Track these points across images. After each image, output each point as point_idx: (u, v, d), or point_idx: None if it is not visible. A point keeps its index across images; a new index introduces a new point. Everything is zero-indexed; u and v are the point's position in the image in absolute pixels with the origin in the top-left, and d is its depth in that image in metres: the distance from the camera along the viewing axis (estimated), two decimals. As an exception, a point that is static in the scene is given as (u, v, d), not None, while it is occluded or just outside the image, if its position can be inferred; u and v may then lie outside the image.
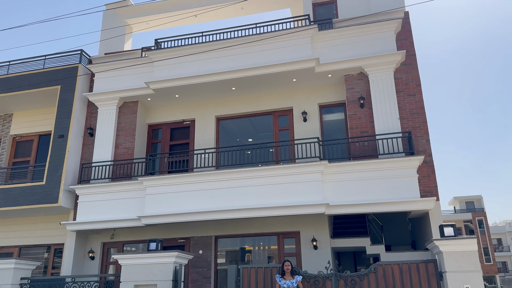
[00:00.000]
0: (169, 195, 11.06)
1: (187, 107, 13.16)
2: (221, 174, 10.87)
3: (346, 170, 10.26)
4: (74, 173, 12.37)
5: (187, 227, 11.93)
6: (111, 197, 11.63)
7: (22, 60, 13.67)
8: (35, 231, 12.90)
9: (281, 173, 10.52)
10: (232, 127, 13.25)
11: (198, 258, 11.65)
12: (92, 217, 11.55)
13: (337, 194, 10.19)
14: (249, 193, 10.58)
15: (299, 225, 11.28)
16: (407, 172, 9.83)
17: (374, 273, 7.74)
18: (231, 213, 10.53)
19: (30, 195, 11.88)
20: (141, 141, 12.99)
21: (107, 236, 12.41)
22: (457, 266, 7.13)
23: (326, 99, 12.17)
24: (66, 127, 12.47)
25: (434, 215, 9.82)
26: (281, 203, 10.24)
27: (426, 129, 10.45)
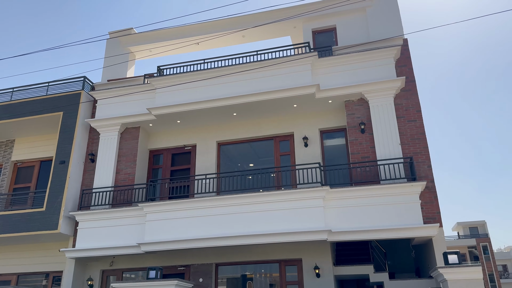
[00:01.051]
0: (169, 221, 10.96)
1: (189, 133, 13.22)
2: (222, 199, 10.81)
3: (348, 196, 10.20)
4: (74, 199, 12.31)
5: (187, 254, 11.76)
6: (111, 223, 11.53)
7: (25, 87, 13.85)
8: (33, 258, 12.73)
9: (282, 199, 10.45)
10: (233, 152, 13.27)
11: (198, 287, 11.43)
12: (91, 244, 11.41)
13: (340, 220, 10.09)
14: (250, 219, 10.48)
15: (301, 252, 11.12)
16: (410, 198, 9.77)
17: (378, 302, 7.58)
18: (232, 240, 10.40)
19: (29, 222, 11.79)
20: (142, 166, 12.98)
21: (106, 264, 12.23)
22: (463, 295, 6.99)
23: (326, 124, 12.23)
24: (67, 153, 12.49)
25: (437, 241, 9.69)
26: (283, 230, 10.13)
27: (428, 155, 10.44)
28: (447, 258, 7.22)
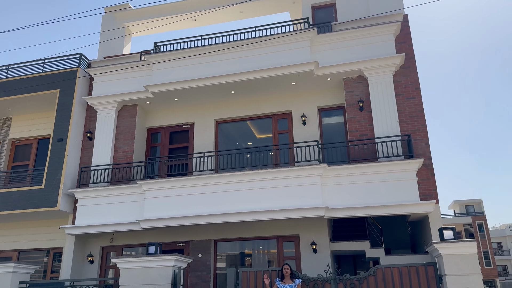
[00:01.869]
0: (168, 198, 11.03)
1: (186, 111, 13.16)
2: (220, 177, 10.85)
3: (346, 173, 10.25)
4: (73, 177, 12.34)
5: (186, 231, 11.89)
6: (110, 200, 11.61)
7: (21, 64, 13.68)
8: (34, 235, 12.86)
9: (280, 177, 10.50)
10: (231, 131, 13.25)
11: (197, 262, 11.61)
12: (91, 221, 11.51)
13: (337, 197, 10.17)
14: (249, 197, 10.55)
15: (298, 228, 11.25)
16: (407, 175, 9.82)
17: (374, 276, 7.72)
18: (230, 217, 10.50)
19: (29, 199, 11.85)
20: (140, 144, 12.97)
21: (106, 240, 12.37)
22: (457, 269, 7.10)
23: (325, 102, 12.17)
24: (65, 131, 12.46)
25: (433, 218, 9.80)
26: (281, 207, 10.21)
27: (426, 132, 10.44)
28: (442, 234, 7.30)
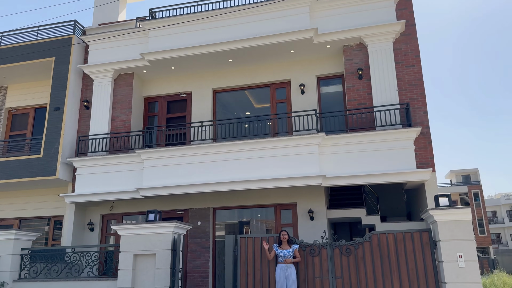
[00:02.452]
0: (166, 167, 11.09)
1: (184, 80, 13.03)
2: (219, 146, 10.87)
3: (343, 142, 10.27)
4: (71, 146, 12.35)
5: (185, 199, 12.02)
6: (109, 169, 11.66)
7: (14, 32, 13.41)
8: (34, 203, 13.00)
9: (278, 146, 10.52)
10: (229, 100, 13.16)
11: (196, 229, 11.80)
12: (90, 190, 11.61)
13: (334, 166, 10.22)
14: (247, 166, 10.60)
15: (296, 196, 11.38)
16: (404, 144, 9.84)
17: (369, 242, 7.87)
18: (228, 185, 10.58)
19: (28, 168, 11.90)
20: (138, 114, 12.91)
21: (106, 208, 12.52)
22: (451, 235, 7.24)
23: (324, 71, 12.04)
24: (61, 99, 12.36)
25: (429, 186, 9.90)
26: (278, 175, 10.28)
27: (424, 101, 10.40)
28: (438, 201, 7.39)
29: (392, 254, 7.68)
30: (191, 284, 11.38)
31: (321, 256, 8.03)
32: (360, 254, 7.85)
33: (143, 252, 8.58)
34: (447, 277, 7.10)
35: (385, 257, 7.70)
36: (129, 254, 8.61)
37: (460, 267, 7.08)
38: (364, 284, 7.66)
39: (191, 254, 11.65)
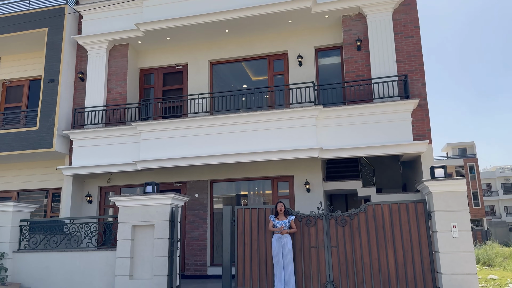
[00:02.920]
0: (163, 140, 11.07)
1: (179, 51, 12.83)
2: (216, 119, 10.83)
3: (341, 115, 10.24)
4: (67, 118, 12.28)
5: (182, 172, 12.07)
6: (105, 142, 11.64)
7: (4, 1, 13.07)
8: (32, 176, 13.03)
9: (275, 118, 10.49)
10: (226, 73, 13.02)
11: (194, 201, 11.91)
12: (87, 162, 11.62)
13: (331, 139, 10.23)
14: (244, 138, 10.60)
15: (293, 169, 11.44)
16: (401, 116, 9.82)
17: (364, 213, 7.96)
18: (225, 158, 10.60)
19: (24, 140, 11.86)
20: (133, 86, 12.78)
21: (104, 181, 12.58)
22: (446, 206, 7.33)
23: (322, 42, 11.87)
24: (56, 71, 12.19)
25: (426, 158, 9.95)
26: (275, 148, 10.30)
27: (423, 72, 10.31)
28: (433, 172, 7.44)
29: (387, 225, 7.79)
30: (190, 254, 11.58)
31: (317, 227, 8.14)
32: (355, 224, 7.96)
33: (142, 223, 8.67)
34: (440, 246, 7.23)
35: (380, 227, 7.82)
36: (128, 225, 8.71)
37: (453, 237, 7.20)
38: (359, 253, 7.80)
39: (189, 225, 11.80)
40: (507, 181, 56.93)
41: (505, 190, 56.46)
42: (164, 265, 8.32)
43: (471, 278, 7.03)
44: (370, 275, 7.66)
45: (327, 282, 7.82)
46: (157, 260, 8.38)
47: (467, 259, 7.11)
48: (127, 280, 8.41)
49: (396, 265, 7.59)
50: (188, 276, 11.36)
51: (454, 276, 7.08)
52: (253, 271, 8.26)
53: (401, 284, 7.50)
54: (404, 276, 7.51)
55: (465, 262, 7.09)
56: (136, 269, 8.58)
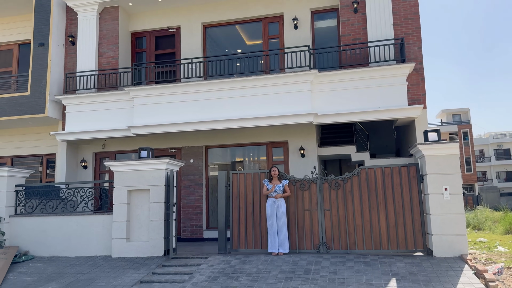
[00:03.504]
0: (157, 105, 10.97)
1: (171, 13, 12.49)
2: (210, 84, 10.69)
3: (336, 80, 10.14)
4: (59, 83, 12.08)
5: (177, 138, 12.05)
6: (98, 107, 11.52)
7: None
8: (26, 141, 12.95)
9: (270, 83, 10.38)
10: (220, 36, 12.75)
11: (189, 167, 11.96)
12: (81, 127, 11.54)
13: (326, 104, 10.18)
14: (238, 104, 10.52)
15: (287, 134, 11.44)
16: (397, 80, 9.74)
17: (357, 177, 8.05)
18: (220, 124, 10.55)
19: (16, 106, 11.71)
20: (125, 50, 12.51)
21: (98, 146, 12.55)
22: (438, 169, 7.41)
23: (318, 4, 11.58)
24: (45, 35, 11.88)
25: (420, 123, 9.95)
26: (270, 114, 10.24)
27: (419, 36, 10.14)
28: (427, 136, 7.48)
29: (379, 188, 7.90)
30: (186, 218, 11.75)
31: (310, 190, 8.25)
32: (348, 188, 8.06)
33: (137, 188, 8.74)
34: (432, 209, 7.37)
35: (372, 190, 7.93)
36: (123, 189, 8.77)
37: (445, 199, 7.33)
38: (351, 215, 7.94)
39: (185, 190, 11.90)
40: (499, 147, 57.54)
41: (497, 156, 57.14)
42: (160, 228, 8.46)
43: (461, 239, 7.22)
44: (362, 236, 7.83)
45: (320, 243, 8.00)
46: (154, 224, 8.51)
47: (458, 221, 7.26)
48: (124, 242, 8.56)
49: (387, 227, 7.75)
50: (185, 239, 11.57)
51: (444, 237, 7.25)
52: (247, 234, 8.42)
53: (392, 245, 7.70)
54: (395, 237, 7.69)
55: (455, 224, 7.25)
56: (133, 232, 8.72)
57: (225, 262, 7.71)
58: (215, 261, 7.81)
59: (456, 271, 6.52)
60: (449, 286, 5.97)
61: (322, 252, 7.94)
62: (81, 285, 7.07)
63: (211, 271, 7.24)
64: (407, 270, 6.67)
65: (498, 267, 6.90)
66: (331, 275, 6.65)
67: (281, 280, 6.58)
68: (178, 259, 8.16)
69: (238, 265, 7.46)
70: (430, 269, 6.66)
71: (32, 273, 7.94)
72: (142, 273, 7.46)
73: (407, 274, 6.50)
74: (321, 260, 7.46)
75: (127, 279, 7.19)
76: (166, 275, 7.38)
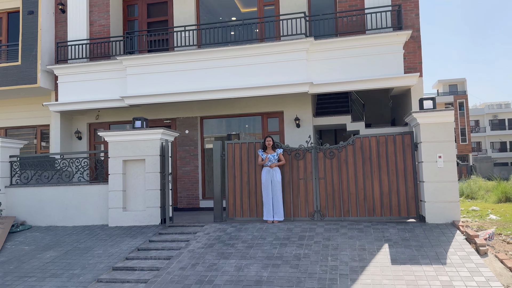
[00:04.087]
0: (150, 75, 10.82)
1: (164, -20, 12.14)
2: (203, 53, 10.52)
3: (332, 48, 9.99)
4: (50, 53, 11.86)
5: (172, 108, 11.96)
6: (91, 77, 11.36)
7: None
8: (19, 112, 12.82)
9: (265, 52, 10.22)
10: (214, 3, 12.44)
11: (185, 138, 11.93)
12: (74, 98, 11.41)
13: (322, 73, 10.07)
14: (233, 73, 10.39)
15: (283, 105, 11.37)
16: (393, 48, 9.61)
17: (352, 145, 8.07)
18: (214, 94, 10.46)
19: (7, 76, 11.52)
20: (117, 18, 12.22)
21: (92, 117, 12.45)
22: (433, 137, 7.42)
23: (314, -31, 11.27)
24: (34, 2, 11.56)
25: (415, 91, 9.90)
26: (265, 83, 10.14)
27: (417, 2, 9.94)
28: (422, 104, 7.45)
29: (373, 156, 7.93)
30: (182, 188, 11.82)
31: (305, 159, 8.27)
32: (343, 156, 8.09)
33: (132, 158, 8.73)
34: (425, 176, 7.43)
35: (367, 159, 7.96)
36: (118, 159, 8.77)
37: (438, 167, 7.38)
38: (346, 184, 8.01)
39: (181, 161, 11.92)
40: (494, 118, 57.70)
41: (492, 127, 57.39)
42: (156, 198, 8.51)
43: (453, 206, 7.32)
44: (356, 204, 7.93)
45: (314, 211, 8.10)
46: (149, 193, 8.56)
47: (451, 188, 7.34)
48: (120, 212, 8.63)
49: (381, 195, 7.84)
50: (181, 209, 11.68)
51: (437, 204, 7.35)
52: (243, 202, 8.49)
53: (385, 212, 7.80)
54: (389, 204, 7.79)
55: (448, 191, 7.33)
56: (129, 202, 8.78)
57: (221, 230, 7.81)
58: (211, 229, 7.91)
59: (448, 236, 6.64)
60: (441, 251, 6.09)
61: (316, 220, 8.05)
62: (79, 253, 7.17)
63: (208, 239, 7.34)
64: (400, 236, 6.79)
65: (488, 233, 7.05)
66: (325, 241, 6.77)
67: (276, 246, 6.69)
68: (174, 227, 8.25)
69: (234, 232, 7.57)
70: (422, 235, 6.78)
71: (29, 242, 8.03)
72: (139, 241, 7.56)
73: (400, 240, 6.62)
74: (315, 227, 7.57)
75: (124, 246, 7.29)
76: (163, 242, 7.48)
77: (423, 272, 5.46)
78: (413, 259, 5.88)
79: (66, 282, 6.01)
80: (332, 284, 5.28)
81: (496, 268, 5.57)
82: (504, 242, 7.23)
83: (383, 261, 5.87)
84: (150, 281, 5.82)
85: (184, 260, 6.45)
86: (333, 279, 5.43)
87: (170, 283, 5.69)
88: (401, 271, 5.54)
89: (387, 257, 6.00)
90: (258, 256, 6.38)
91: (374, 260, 5.94)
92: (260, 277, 5.64)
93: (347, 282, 5.32)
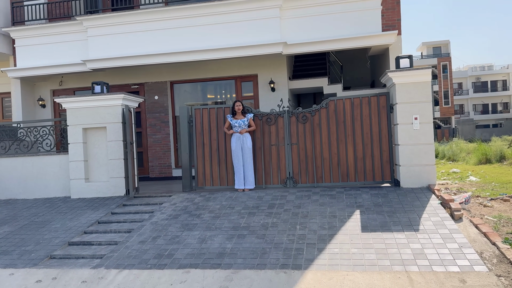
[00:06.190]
0: (114, 36, 10.09)
1: None
2: (170, 11, 9.79)
3: (307, 4, 9.37)
4: (5, 14, 10.95)
5: (139, 72, 11.29)
6: (51, 40, 10.58)
7: None
8: (-24, 80, 12.01)
9: (237, 9, 9.56)
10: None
11: (154, 104, 11.34)
12: (34, 63, 10.65)
13: (297, 32, 9.49)
14: (203, 33, 9.75)
15: (257, 68, 10.82)
16: (371, 4, 9.03)
17: (326, 109, 7.63)
18: (183, 56, 9.83)
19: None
20: (77, -25, 11.27)
21: (55, 83, 11.72)
22: (409, 98, 7.01)
23: None
24: (-18, -43, 10.53)
25: (394, 51, 9.43)
26: (237, 44, 9.54)
27: (397, -47, 9.30)
28: (398, 62, 6.98)
29: (348, 119, 7.52)
30: (153, 157, 11.35)
31: (277, 125, 7.83)
32: (316, 121, 7.66)
33: (93, 126, 8.17)
34: (400, 139, 7.07)
35: (341, 122, 7.55)
36: (78, 127, 8.20)
37: (414, 129, 7.02)
38: (319, 149, 7.63)
39: (151, 128, 11.38)
40: (477, 80, 57.77)
41: (475, 89, 57.54)
42: (120, 167, 8.04)
43: (429, 169, 7.01)
44: (329, 170, 7.58)
45: (286, 178, 7.75)
46: (113, 163, 8.07)
47: (427, 151, 7.02)
48: (82, 183, 8.15)
49: (355, 159, 7.49)
50: (153, 178, 11.26)
51: (412, 168, 7.04)
52: (213, 171, 8.09)
53: (359, 177, 7.49)
54: (363, 169, 7.47)
55: (424, 154, 7.01)
56: (92, 172, 8.29)
57: (189, 199, 7.43)
58: (178, 199, 7.52)
59: (422, 201, 6.37)
60: (414, 217, 5.82)
61: (289, 187, 7.71)
62: (35, 228, 6.73)
63: (173, 209, 6.96)
64: (372, 202, 6.50)
65: (465, 196, 6.80)
66: (295, 209, 6.44)
67: (244, 216, 6.35)
68: (140, 198, 7.84)
69: (202, 202, 7.19)
70: (395, 200, 6.50)
71: (-15, 217, 7.54)
72: (101, 213, 7.14)
73: (372, 206, 6.33)
74: (286, 194, 7.23)
75: (84, 220, 6.87)
76: (125, 214, 7.08)
77: (394, 240, 5.18)
78: (384, 226, 5.60)
79: (15, 260, 5.59)
80: (298, 255, 4.98)
81: (470, 233, 5.32)
82: (481, 205, 7.02)
83: (353, 229, 5.57)
84: (106, 257, 5.44)
85: (145, 233, 6.07)
86: (300, 249, 5.12)
87: (127, 258, 5.32)
88: (371, 239, 5.25)
89: (358, 224, 5.71)
90: (224, 226, 6.03)
91: (344, 227, 5.64)
92: (223, 249, 5.30)
93: (314, 252, 5.02)
